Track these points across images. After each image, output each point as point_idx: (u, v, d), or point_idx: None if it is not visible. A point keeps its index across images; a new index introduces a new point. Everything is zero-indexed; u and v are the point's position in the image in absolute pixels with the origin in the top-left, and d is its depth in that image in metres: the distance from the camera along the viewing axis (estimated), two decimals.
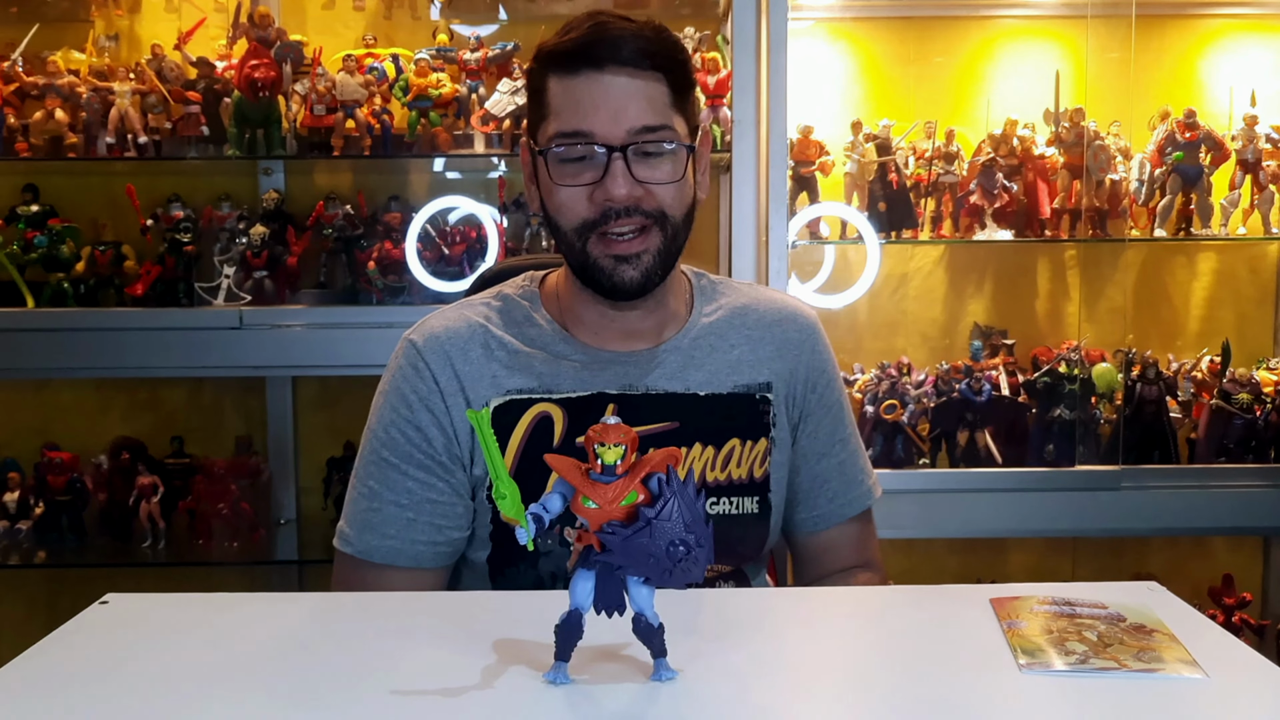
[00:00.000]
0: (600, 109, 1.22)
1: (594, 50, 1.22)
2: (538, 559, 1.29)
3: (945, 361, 2.45)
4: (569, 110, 1.24)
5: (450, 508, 1.31)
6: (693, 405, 1.33)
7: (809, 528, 1.42)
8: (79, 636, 0.96)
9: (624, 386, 1.32)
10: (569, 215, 1.26)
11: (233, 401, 2.69)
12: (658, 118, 1.24)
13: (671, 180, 1.25)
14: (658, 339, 1.36)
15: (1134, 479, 2.31)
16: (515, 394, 1.30)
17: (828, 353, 1.44)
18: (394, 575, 1.30)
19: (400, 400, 1.31)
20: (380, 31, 2.57)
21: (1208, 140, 2.40)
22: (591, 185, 1.24)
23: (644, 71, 1.23)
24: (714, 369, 1.36)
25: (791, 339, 1.40)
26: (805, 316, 1.44)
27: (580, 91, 1.23)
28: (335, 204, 2.48)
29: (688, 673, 0.85)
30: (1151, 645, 0.91)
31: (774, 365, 1.38)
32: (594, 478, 0.82)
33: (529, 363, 1.31)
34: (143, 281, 2.39)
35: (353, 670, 0.88)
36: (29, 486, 2.49)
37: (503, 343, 1.32)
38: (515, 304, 1.37)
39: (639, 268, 1.26)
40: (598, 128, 1.22)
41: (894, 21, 2.66)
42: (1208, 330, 2.66)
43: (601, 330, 1.34)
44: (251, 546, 2.48)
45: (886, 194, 2.42)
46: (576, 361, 1.32)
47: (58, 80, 2.37)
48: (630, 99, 1.23)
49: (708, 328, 1.38)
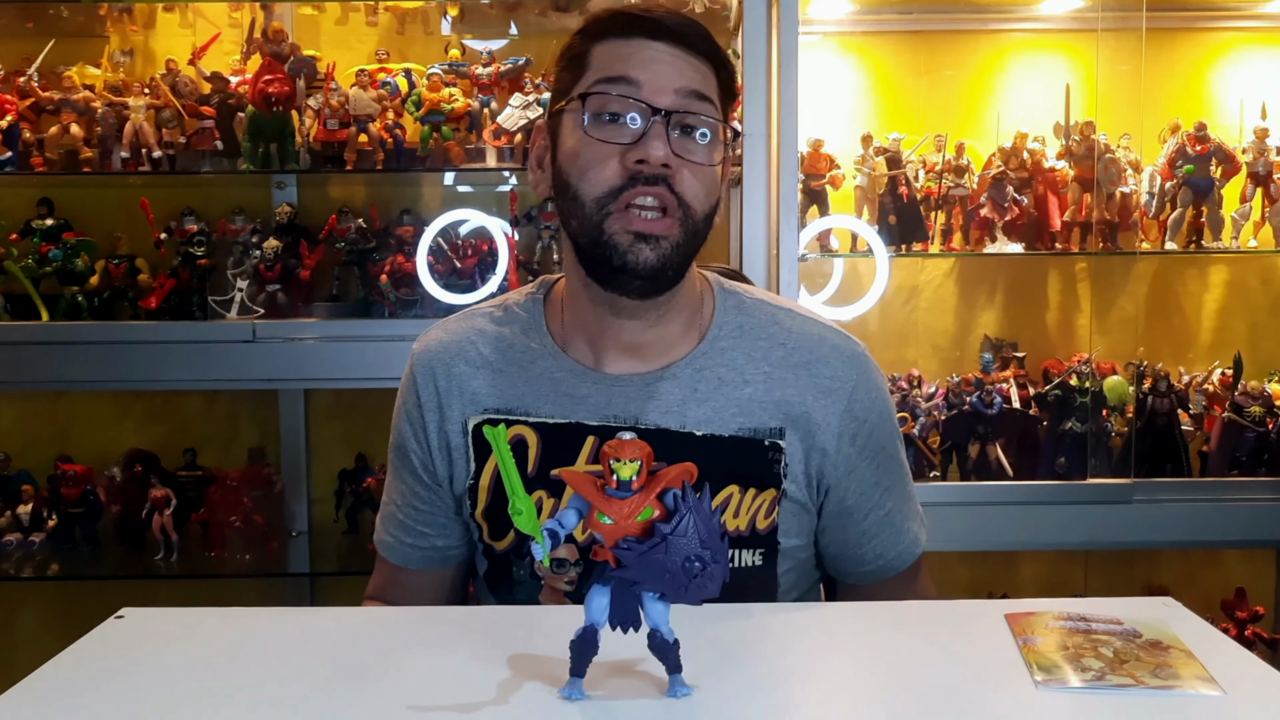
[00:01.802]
0: (650, 66, 1.16)
1: (649, 21, 1.18)
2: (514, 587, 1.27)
3: (956, 374, 2.46)
4: (617, 61, 1.17)
5: (432, 516, 1.32)
6: (686, 446, 1.21)
7: (857, 579, 1.33)
8: (94, 651, 0.96)
9: (607, 417, 1.22)
10: (592, 180, 1.16)
11: (246, 414, 2.70)
12: (707, 89, 1.18)
13: (707, 163, 1.18)
14: (662, 360, 1.25)
15: (1146, 492, 2.30)
16: (493, 413, 1.25)
17: (871, 396, 1.27)
18: (390, 569, 1.37)
19: (397, 408, 1.35)
20: (393, 47, 2.59)
21: (1218, 153, 2.39)
22: (625, 147, 1.15)
23: (694, 52, 1.18)
24: (719, 406, 1.22)
25: (821, 387, 1.24)
26: (844, 354, 1.27)
27: (631, 49, 1.17)
28: (348, 217, 2.49)
29: (703, 688, 0.86)
30: (1168, 662, 0.90)
31: (794, 411, 1.23)
32: (609, 493, 0.82)
33: (511, 383, 1.26)
34: (157, 295, 2.40)
35: (368, 684, 0.88)
36: (43, 498, 2.50)
37: (488, 360, 1.27)
38: (515, 315, 1.31)
39: (658, 251, 1.15)
40: (646, 81, 1.15)
41: (904, 35, 2.66)
42: (1219, 343, 2.65)
43: (599, 343, 1.25)
44: (264, 558, 2.48)
45: (897, 207, 2.42)
46: (564, 383, 1.24)
47: (73, 95, 2.39)
48: (681, 67, 1.17)
49: (721, 356, 1.25)
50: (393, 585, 1.37)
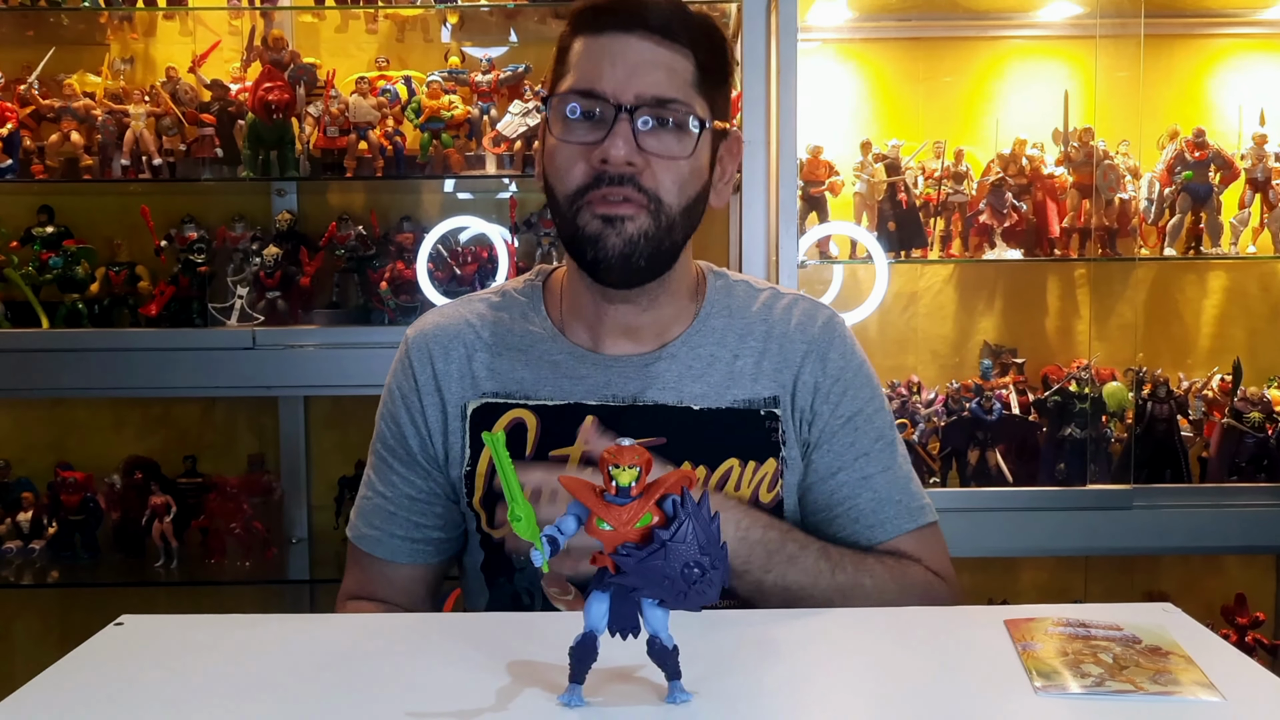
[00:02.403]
0: (617, 67, 1.17)
1: (626, 11, 1.18)
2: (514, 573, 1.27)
3: (955, 380, 2.46)
4: (586, 66, 1.19)
5: (429, 506, 1.32)
6: (685, 421, 1.24)
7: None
8: (94, 658, 0.96)
9: (607, 397, 1.25)
10: (564, 180, 1.19)
11: (245, 421, 2.70)
12: (674, 91, 1.18)
13: (677, 156, 1.18)
14: (658, 341, 1.28)
15: (1146, 498, 2.30)
16: (491, 397, 1.27)
17: (846, 358, 1.30)
18: (375, 564, 1.34)
19: (389, 393, 1.34)
20: (393, 54, 2.59)
21: (1217, 159, 2.40)
22: (591, 146, 1.17)
23: (671, 42, 1.19)
24: (714, 381, 1.27)
25: (799, 349, 1.29)
26: (818, 319, 1.32)
27: (601, 49, 1.19)
28: (348, 224, 2.49)
29: (702, 695, 0.86)
30: (1167, 667, 0.90)
31: (782, 377, 1.28)
32: (608, 499, 0.82)
33: (510, 366, 1.28)
34: (157, 302, 2.40)
35: (368, 691, 0.88)
36: (43, 505, 2.49)
37: (488, 344, 1.30)
38: (513, 300, 1.33)
39: (623, 235, 1.17)
40: (609, 85, 1.17)
41: (903, 42, 2.67)
42: (1218, 349, 2.66)
43: (597, 327, 1.28)
44: (264, 565, 2.48)
45: (896, 213, 2.42)
46: (563, 365, 1.27)
47: (74, 103, 2.39)
48: (649, 65, 1.18)
49: (713, 334, 1.30)
50: (378, 581, 1.34)
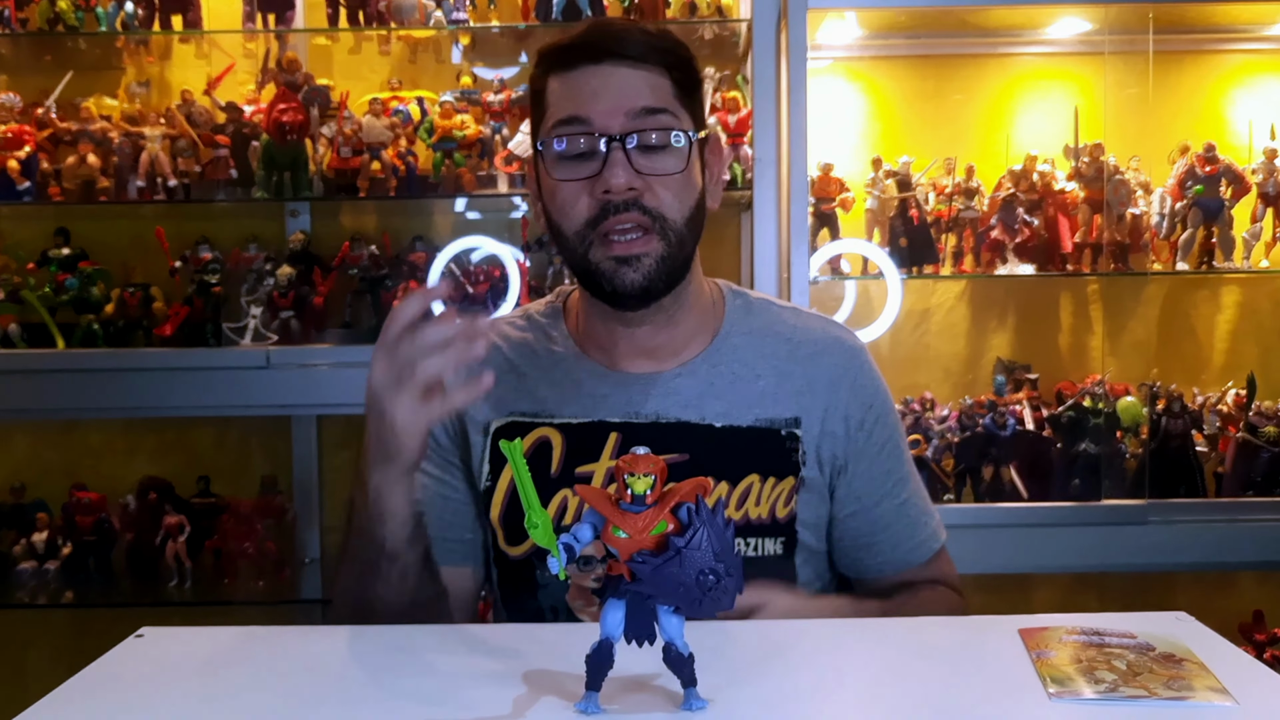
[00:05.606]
0: (599, 96, 1.19)
1: (592, 45, 1.21)
2: (537, 590, 1.28)
3: (969, 396, 2.45)
4: (566, 100, 1.21)
5: (460, 506, 1.33)
6: (707, 438, 1.27)
7: (875, 573, 1.35)
8: (115, 670, 0.97)
9: (629, 414, 1.28)
10: (570, 216, 1.22)
11: (259, 441, 2.71)
12: (659, 101, 1.20)
13: (674, 172, 1.21)
14: (676, 359, 1.30)
15: (1160, 513, 2.29)
16: (518, 417, 1.30)
17: (874, 385, 1.34)
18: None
19: None
20: (405, 75, 2.61)
21: (1228, 174, 2.40)
22: (591, 180, 1.20)
23: (644, 64, 1.21)
24: (735, 399, 1.29)
25: (827, 375, 1.31)
26: (846, 346, 1.34)
27: (578, 83, 1.21)
28: (361, 245, 2.50)
29: (718, 702, 0.85)
30: (1181, 674, 0.90)
31: (805, 400, 1.29)
32: (624, 507, 0.82)
33: (535, 386, 1.31)
34: (171, 322, 2.41)
35: (385, 702, 0.89)
36: (57, 526, 2.50)
37: (514, 364, 1.33)
38: (536, 322, 1.37)
39: (640, 270, 1.20)
40: (595, 114, 1.19)
41: (912, 60, 2.68)
42: (1232, 363, 2.65)
43: (614, 348, 1.30)
44: (277, 585, 2.48)
45: (907, 230, 2.42)
46: (586, 384, 1.30)
47: (90, 126, 2.42)
48: (629, 86, 1.20)
49: (734, 353, 1.31)
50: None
